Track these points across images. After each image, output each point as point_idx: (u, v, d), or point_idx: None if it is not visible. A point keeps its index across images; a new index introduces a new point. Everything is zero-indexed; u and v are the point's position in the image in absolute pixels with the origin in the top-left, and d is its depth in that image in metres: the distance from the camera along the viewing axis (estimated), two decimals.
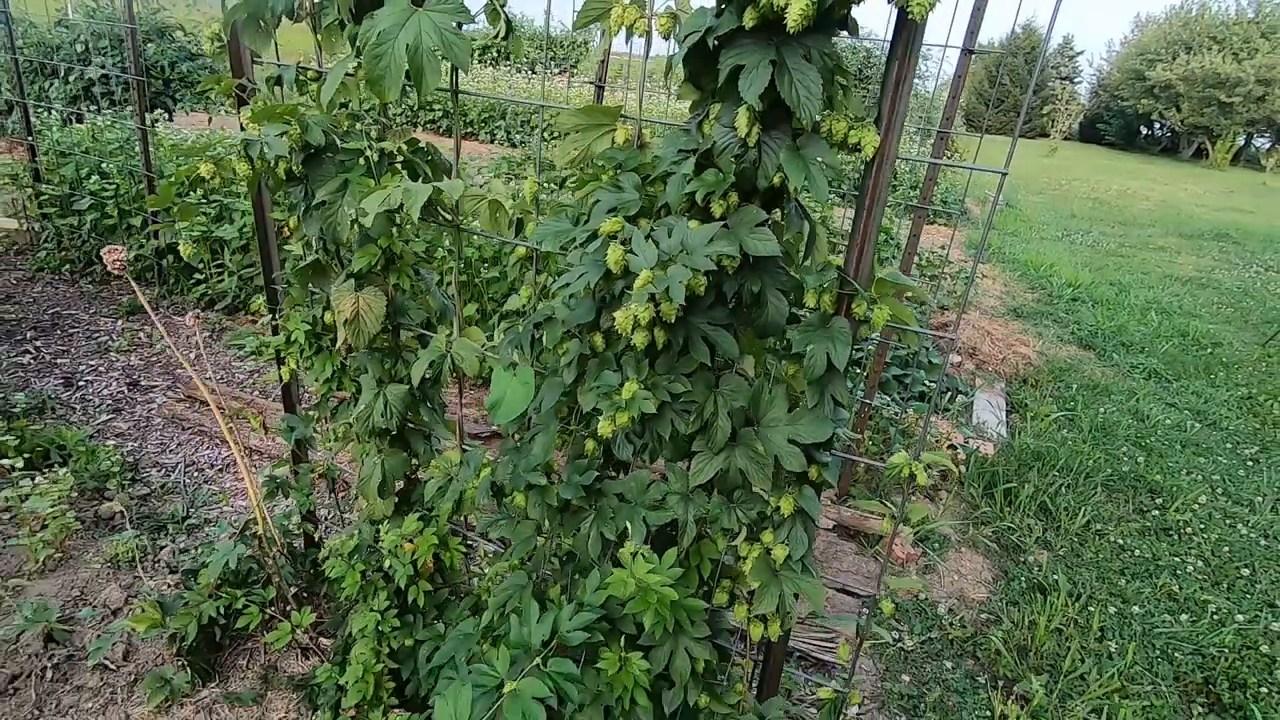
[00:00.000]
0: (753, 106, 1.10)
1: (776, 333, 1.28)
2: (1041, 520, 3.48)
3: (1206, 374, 5.76)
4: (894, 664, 2.55)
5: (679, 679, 1.29)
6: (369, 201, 1.43)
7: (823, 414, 1.27)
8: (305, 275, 1.90)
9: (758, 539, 1.32)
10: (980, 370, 5.19)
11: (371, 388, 1.84)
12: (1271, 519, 3.77)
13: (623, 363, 1.26)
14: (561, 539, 1.49)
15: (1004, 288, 7.74)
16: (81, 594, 2.39)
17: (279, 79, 1.66)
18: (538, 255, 1.58)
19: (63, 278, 5.03)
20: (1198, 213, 15.02)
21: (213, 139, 5.27)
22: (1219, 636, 2.84)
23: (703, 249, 1.10)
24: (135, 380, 3.87)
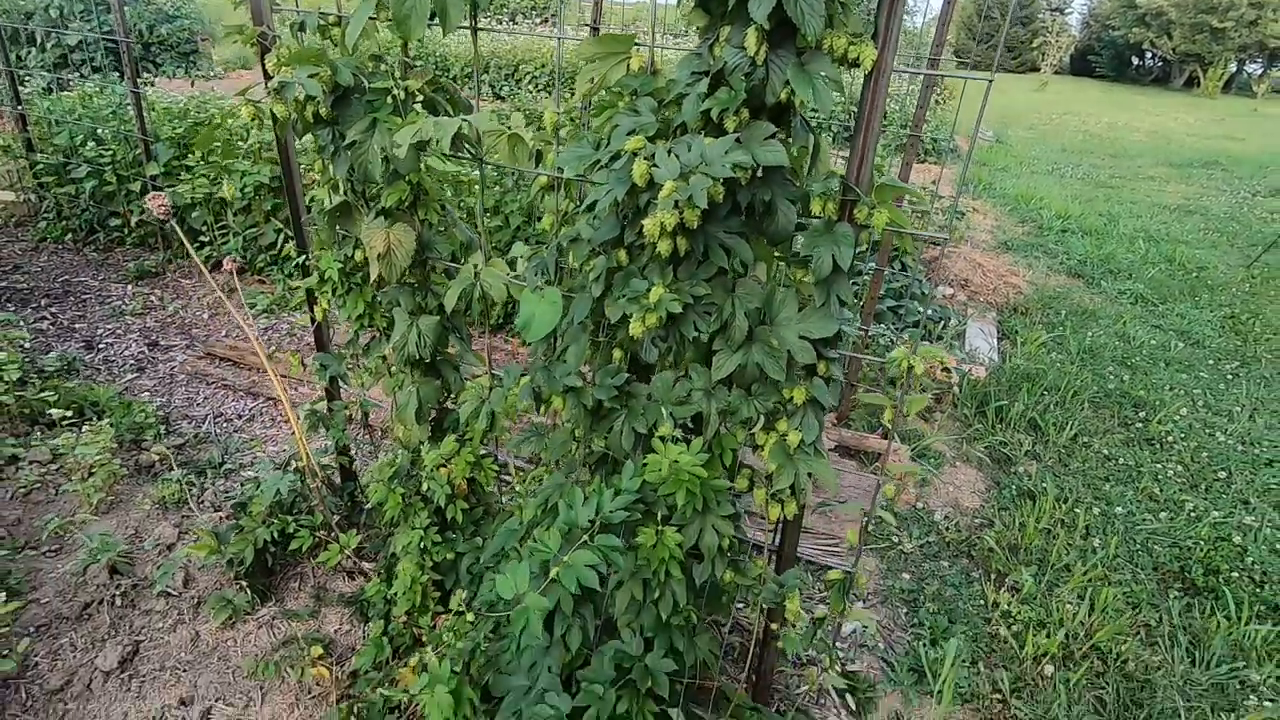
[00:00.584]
0: (761, 26, 1.21)
1: (786, 239, 1.41)
2: (1031, 435, 3.67)
3: (1191, 296, 5.92)
4: (894, 564, 2.75)
5: (708, 553, 1.46)
6: (401, 135, 1.53)
7: (829, 312, 1.40)
8: (334, 217, 2.00)
9: (774, 428, 1.47)
10: (972, 301, 5.34)
11: (405, 320, 1.97)
12: (1249, 426, 3.97)
13: (648, 272, 1.39)
14: (594, 442, 1.64)
15: (995, 222, 7.83)
16: (136, 532, 2.55)
17: (302, 25, 1.74)
18: (560, 184, 1.69)
19: (66, 246, 5.08)
20: (1188, 142, 15.01)
21: (206, 99, 5.26)
22: (1195, 531, 3.05)
23: (720, 159, 1.22)
24: (154, 341, 3.97)
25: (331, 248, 2.10)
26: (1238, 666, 2.42)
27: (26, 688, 2.01)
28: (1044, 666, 2.32)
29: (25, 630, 2.14)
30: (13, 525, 2.54)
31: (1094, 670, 2.35)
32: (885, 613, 2.54)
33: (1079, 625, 2.49)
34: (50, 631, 2.16)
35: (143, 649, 2.14)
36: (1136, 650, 2.43)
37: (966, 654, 2.36)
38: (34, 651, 2.09)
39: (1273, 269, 6.73)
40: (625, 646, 1.51)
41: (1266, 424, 4.03)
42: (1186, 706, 2.26)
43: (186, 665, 2.10)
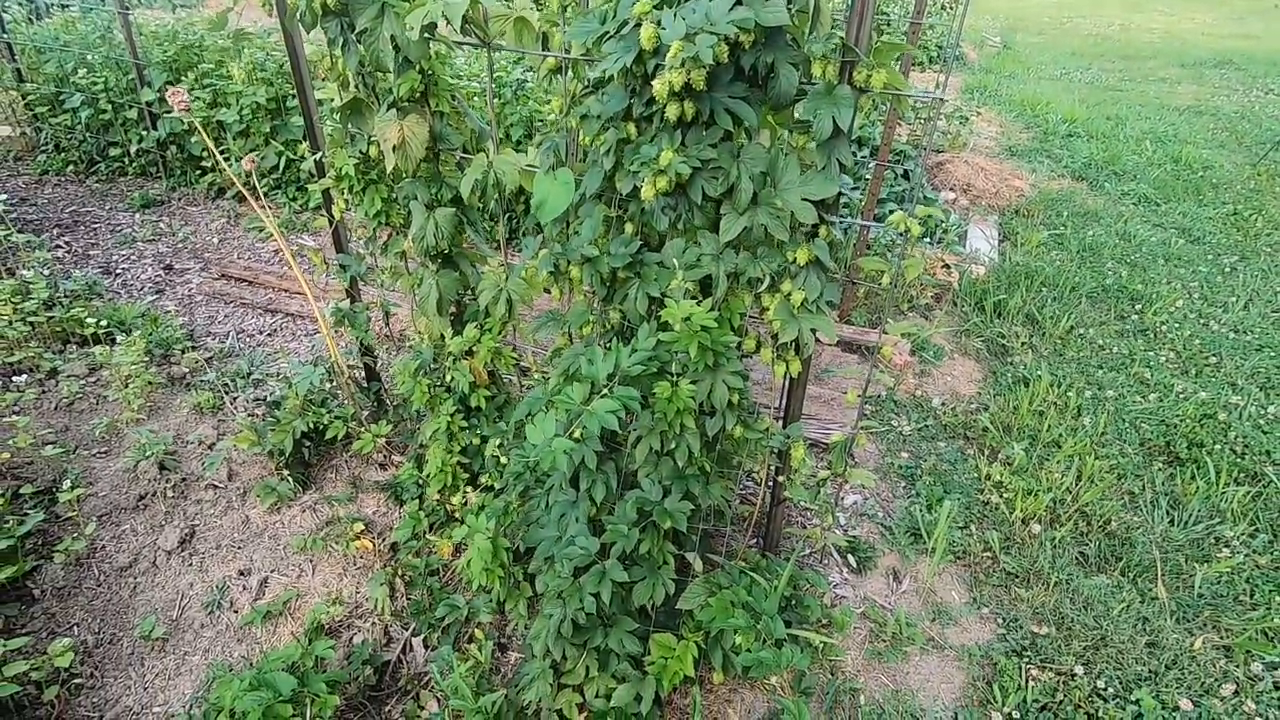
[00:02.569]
0: None
1: (789, 104, 1.47)
2: (1028, 328, 3.78)
3: (1195, 196, 5.90)
4: (894, 445, 2.91)
5: (719, 405, 1.59)
6: (412, 17, 1.58)
7: (831, 174, 1.48)
8: (345, 114, 2.05)
9: (778, 289, 1.57)
10: (975, 205, 5.35)
11: (421, 212, 2.05)
12: (1242, 316, 4.06)
13: (657, 139, 1.46)
14: (610, 315, 1.75)
15: (999, 129, 7.71)
16: (177, 434, 2.71)
17: None
18: (567, 65, 1.73)
19: (69, 178, 5.09)
20: (1202, 41, 14.50)
21: (191, 21, 5.15)
22: (1182, 409, 3.19)
23: (724, 18, 1.27)
24: (169, 265, 4.06)
25: (345, 146, 2.16)
26: (1214, 524, 2.59)
27: (97, 565, 2.20)
28: (1031, 527, 2.50)
29: (89, 518, 2.31)
30: (61, 431, 2.69)
31: (1078, 529, 2.53)
32: (884, 486, 2.70)
33: (1066, 492, 2.65)
34: (112, 520, 2.34)
35: (199, 531, 2.32)
36: (1119, 512, 2.60)
37: (960, 518, 2.53)
38: (99, 536, 2.28)
39: (1279, 166, 6.67)
40: (646, 494, 1.66)
41: (1260, 313, 4.12)
42: (1163, 558, 2.44)
43: (241, 544, 2.29)
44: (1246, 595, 2.35)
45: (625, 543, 1.59)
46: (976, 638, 2.18)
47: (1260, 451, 2.98)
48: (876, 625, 2.18)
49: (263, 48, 4.70)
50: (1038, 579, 2.35)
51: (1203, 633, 2.21)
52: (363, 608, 2.13)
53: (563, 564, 1.63)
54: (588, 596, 1.59)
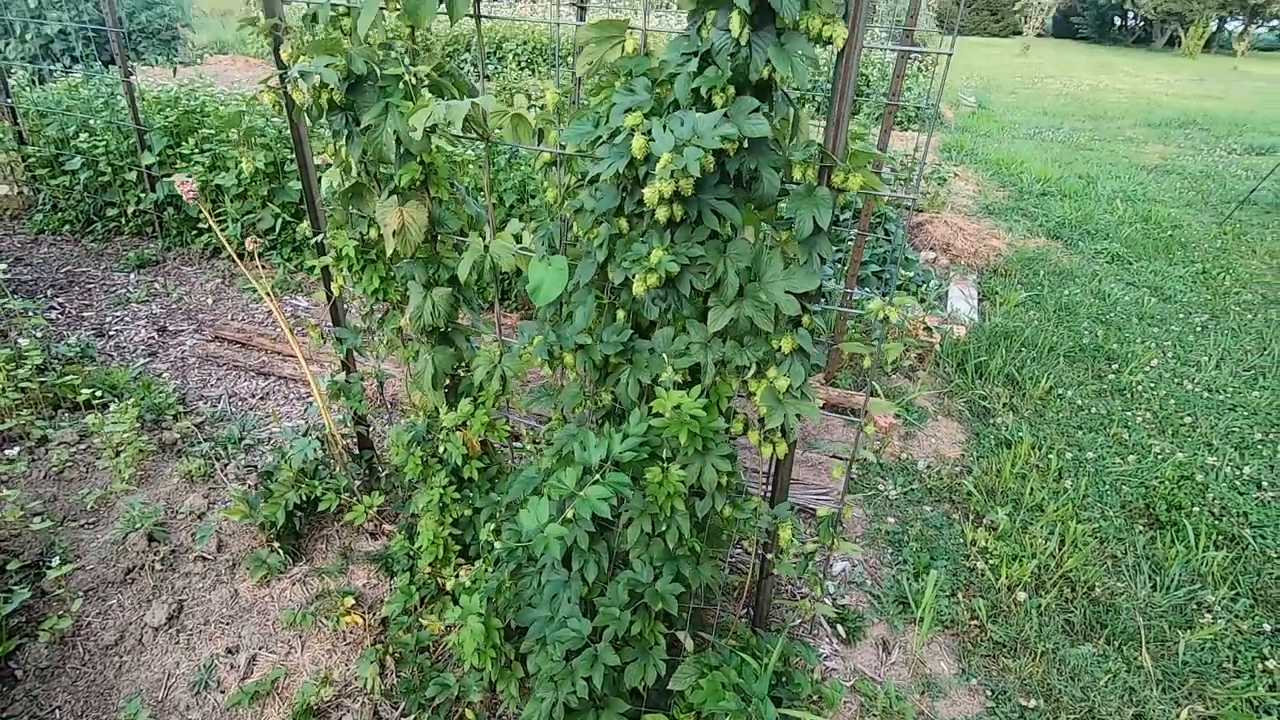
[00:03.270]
0: (744, 10, 1.35)
1: (771, 203, 1.56)
2: (1009, 388, 3.87)
3: (1166, 254, 6.12)
4: (881, 510, 2.95)
5: (709, 488, 1.63)
6: (416, 119, 1.66)
7: (812, 268, 1.56)
8: (346, 197, 2.13)
9: (764, 375, 1.63)
10: (954, 264, 5.51)
11: (419, 291, 2.11)
12: (1215, 375, 4.18)
13: (647, 236, 1.54)
14: (602, 396, 1.80)
15: (976, 187, 7.98)
16: (168, 503, 2.71)
17: (314, 16, 1.86)
18: (561, 159, 1.83)
19: (65, 238, 5.15)
20: (1168, 101, 15.15)
21: (194, 87, 5.30)
22: (1160, 471, 3.27)
23: (710, 133, 1.36)
24: (163, 326, 4.09)
25: (345, 226, 2.24)
26: (1195, 589, 2.63)
27: (83, 644, 2.17)
28: (1017, 594, 2.53)
29: (75, 593, 2.30)
30: (50, 501, 2.68)
31: (1063, 596, 2.56)
32: (872, 553, 2.73)
33: (1050, 558, 2.69)
34: (99, 594, 2.32)
35: (187, 607, 2.30)
36: (1103, 578, 2.64)
37: (947, 585, 2.56)
38: (85, 612, 2.26)
39: (1245, 225, 6.93)
40: (637, 575, 1.69)
41: (1232, 372, 4.24)
42: (1147, 625, 2.47)
43: (229, 619, 2.27)
44: (1230, 662, 2.38)
45: (618, 626, 1.61)
46: (966, 711, 2.19)
47: (1237, 513, 3.05)
48: (867, 700, 2.18)
49: (262, 115, 4.84)
50: (1025, 649, 2.37)
51: (1188, 702, 2.23)
52: (352, 686, 2.11)
53: (555, 647, 1.64)
54: (580, 680, 1.61)
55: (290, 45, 1.87)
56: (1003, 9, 33.39)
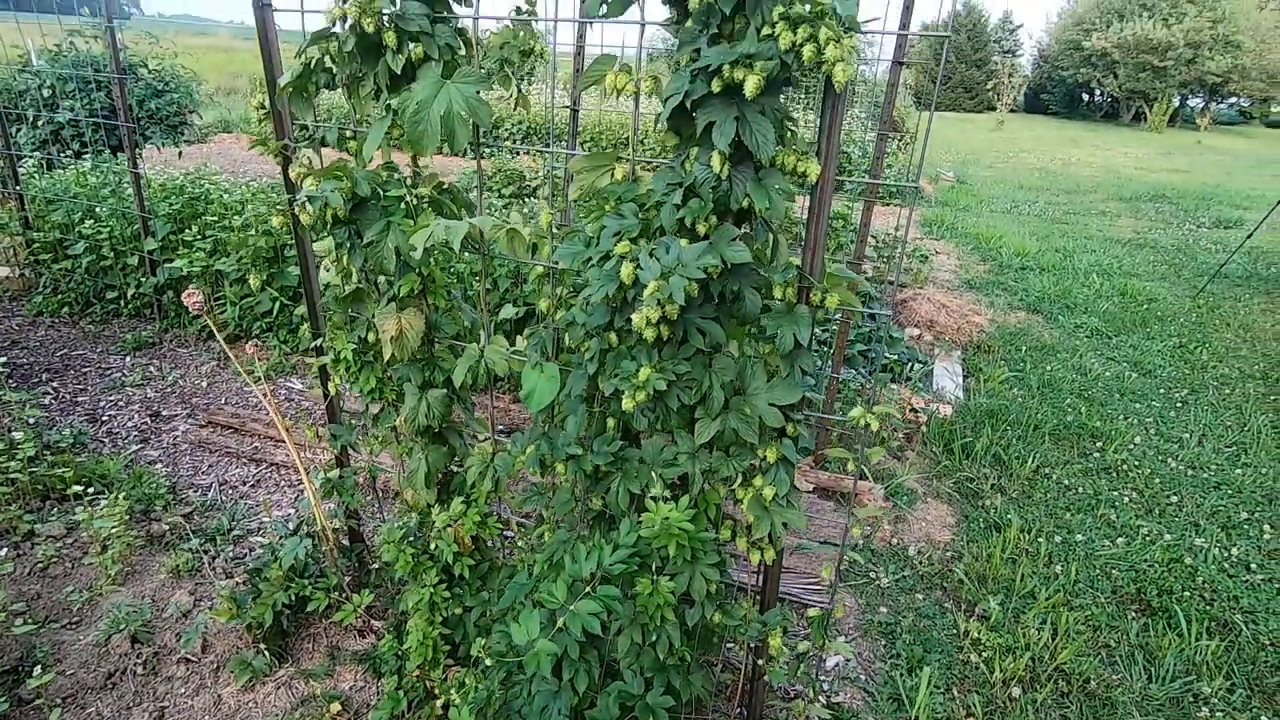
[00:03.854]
0: (723, 151, 1.46)
1: (753, 321, 1.64)
2: (996, 469, 3.91)
3: (1143, 328, 6.28)
4: (873, 599, 2.94)
5: (698, 597, 1.65)
6: (417, 238, 1.76)
7: (794, 381, 1.63)
8: (346, 302, 2.21)
9: (751, 484, 1.68)
10: (938, 340, 5.63)
11: (414, 393, 2.16)
12: (1198, 452, 4.25)
13: (636, 353, 1.61)
14: (593, 501, 1.84)
15: (958, 261, 8.23)
16: (153, 601, 2.67)
17: (323, 139, 1.97)
18: (554, 273, 1.92)
19: (63, 320, 5.21)
20: (1137, 175, 15.80)
21: (200, 175, 5.48)
22: (1150, 554, 3.28)
23: (694, 262, 1.45)
24: (156, 411, 4.11)
25: (345, 329, 2.30)
26: (1190, 680, 2.62)
27: None
28: (1012, 689, 2.51)
29: (54, 701, 2.24)
30: (33, 600, 2.65)
31: (1059, 690, 2.54)
32: (865, 645, 2.71)
33: (1044, 649, 2.68)
34: (78, 702, 2.27)
35: (168, 715, 2.25)
36: (1097, 669, 2.62)
37: (941, 681, 2.53)
38: None
39: (1217, 298, 7.15)
40: (628, 687, 1.68)
41: (1214, 449, 4.31)
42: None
43: None
44: None
45: None
46: None
47: (1228, 598, 3.05)
48: None
49: (265, 202, 4.99)
50: None
51: None
52: None
53: None
54: None
55: (299, 165, 1.98)
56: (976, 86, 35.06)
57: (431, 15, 1.73)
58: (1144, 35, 28.58)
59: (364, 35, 1.72)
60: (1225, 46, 27.97)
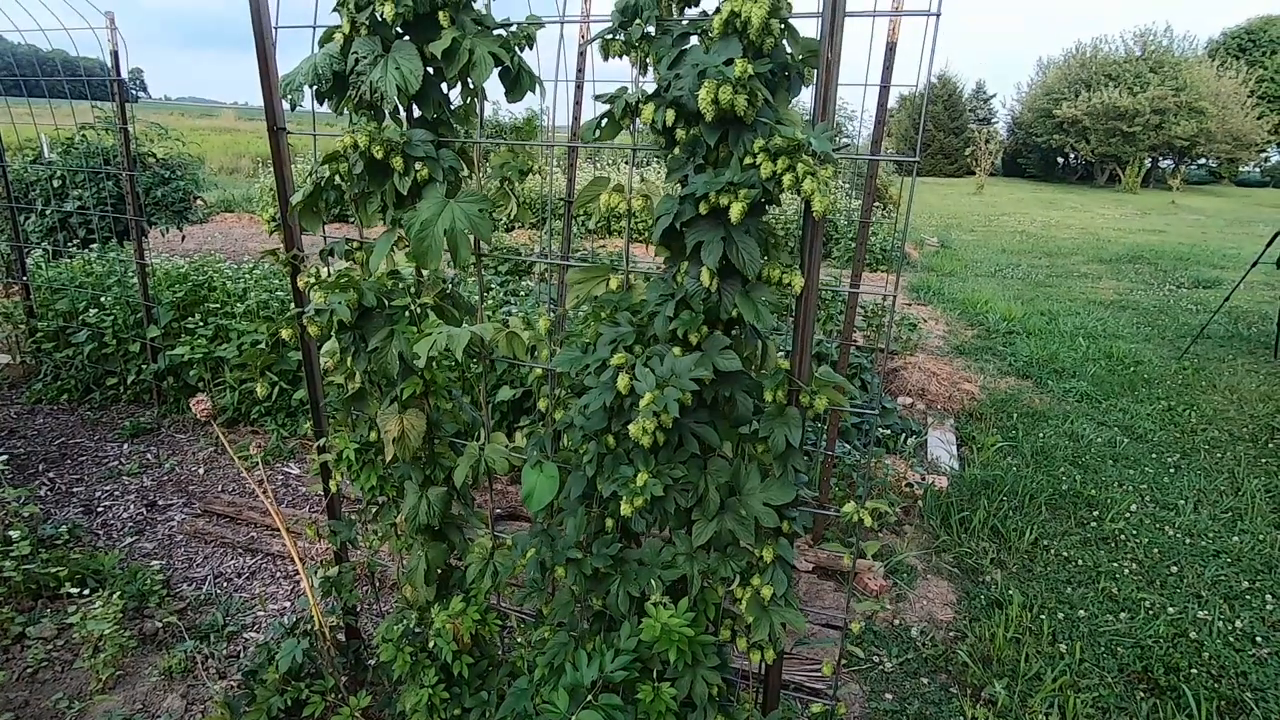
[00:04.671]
0: (712, 269, 1.55)
1: (746, 423, 1.70)
2: (994, 542, 3.91)
3: (1131, 391, 6.37)
4: (877, 685, 2.90)
5: (700, 701, 1.64)
6: (420, 347, 1.83)
7: (788, 481, 1.68)
8: (349, 403, 2.27)
9: (749, 583, 1.70)
10: (931, 409, 5.70)
11: (415, 491, 2.20)
12: (1194, 519, 4.26)
13: (633, 457, 1.66)
14: (592, 601, 1.85)
15: (946, 327, 8.39)
16: (144, 706, 2.62)
17: (331, 250, 2.07)
18: (553, 374, 1.98)
19: (61, 407, 5.24)
20: (1115, 237, 16.27)
21: (204, 263, 5.62)
22: (1154, 629, 3.26)
23: (687, 373, 1.52)
24: (152, 501, 4.10)
25: (347, 427, 2.35)
26: None
27: None
28: None
29: None
30: (21, 708, 2.59)
31: None
32: None
33: None
34: None
35: None
36: None
37: None
38: None
39: (1201, 359, 7.28)
40: None
41: (1210, 515, 4.33)
42: None
43: None
44: None
45: None
46: None
47: (1236, 673, 3.02)
48: None
49: (268, 289, 5.12)
50: None
51: None
52: None
53: None
54: None
55: (307, 276, 2.07)
56: (955, 153, 36.37)
57: (436, 140, 1.85)
58: (1111, 103, 29.93)
59: (372, 160, 1.83)
60: (1189, 112, 29.28)
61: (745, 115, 1.46)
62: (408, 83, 1.75)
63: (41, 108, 7.09)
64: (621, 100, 1.63)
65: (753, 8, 1.41)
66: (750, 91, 1.43)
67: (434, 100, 1.87)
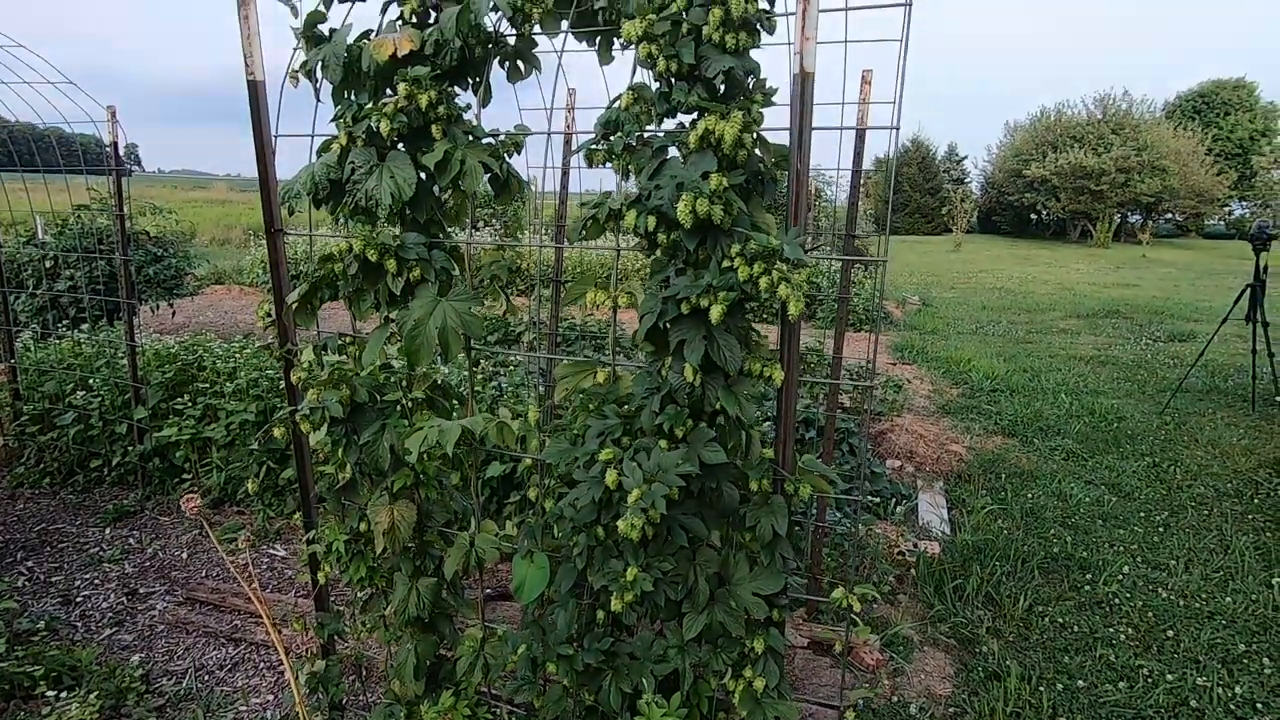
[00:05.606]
0: (694, 365, 1.61)
1: (733, 512, 1.73)
2: (989, 610, 3.88)
3: (1116, 448, 6.44)
4: None
5: None
6: (411, 442, 1.86)
7: (776, 570, 1.70)
8: (340, 495, 2.28)
9: (741, 675, 1.70)
10: (919, 472, 5.73)
11: (405, 583, 2.19)
12: (1186, 579, 4.26)
13: (623, 550, 1.68)
14: (585, 697, 1.83)
15: (931, 387, 8.49)
16: None
17: (325, 345, 2.13)
18: (543, 464, 2.02)
19: (43, 491, 5.16)
20: (1090, 291, 16.69)
21: (194, 342, 5.65)
22: (1154, 698, 3.22)
23: (674, 469, 1.56)
24: (133, 589, 4.01)
25: (337, 516, 2.36)
26: None
27: None
28: None
29: None
30: None
31: None
32: None
33: None
34: None
35: None
36: None
37: None
38: None
39: (1182, 414, 7.40)
40: None
41: (1202, 575, 4.33)
42: None
43: None
44: None
45: None
46: None
47: None
48: None
49: (257, 367, 5.14)
50: None
51: None
52: None
53: None
54: None
55: (300, 370, 2.12)
56: (932, 212, 37.48)
57: (429, 243, 1.93)
58: (1078, 163, 31.16)
59: (366, 262, 1.91)
60: (1152, 170, 30.50)
61: (722, 223, 1.55)
62: (402, 191, 1.84)
63: (36, 183, 7.22)
64: (605, 206, 1.72)
65: (725, 126, 1.52)
66: (726, 202, 1.52)
67: (427, 203, 1.97)
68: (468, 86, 1.99)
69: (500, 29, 1.91)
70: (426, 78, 1.79)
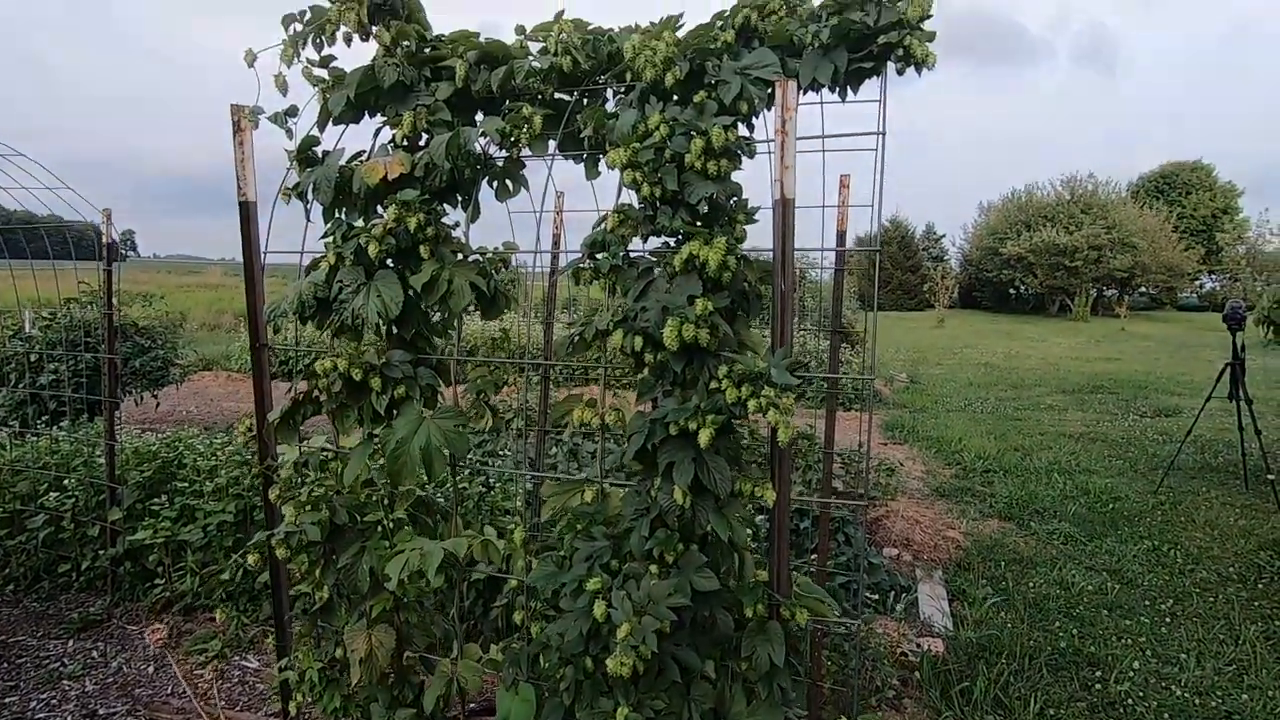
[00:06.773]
0: (684, 488, 1.57)
1: (727, 640, 1.65)
2: (999, 714, 3.70)
3: (1114, 530, 6.35)
4: None
5: None
6: (392, 567, 1.79)
7: (775, 702, 1.61)
8: (315, 617, 2.17)
9: None
10: (917, 560, 5.59)
11: (381, 714, 2.06)
12: (1199, 674, 4.11)
13: (613, 687, 1.59)
14: None
15: (924, 467, 8.43)
16: None
17: (306, 463, 2.07)
18: (529, 586, 1.94)
19: (5, 598, 4.92)
20: (1074, 366, 16.91)
21: (175, 439, 5.54)
22: None
23: (664, 600, 1.50)
24: (92, 711, 3.76)
25: (311, 639, 2.24)
26: None
27: None
28: None
29: None
30: None
31: None
32: None
33: None
34: None
35: None
36: None
37: None
38: None
39: (1177, 493, 7.35)
40: None
41: (1215, 668, 4.18)
42: None
43: None
44: None
45: None
46: None
47: None
48: None
49: (240, 464, 5.03)
50: None
51: None
52: None
53: None
54: None
55: (280, 489, 2.06)
56: (914, 288, 38.38)
57: (414, 359, 1.92)
58: (1051, 241, 32.24)
59: (350, 380, 1.89)
60: (1123, 247, 31.56)
61: (709, 345, 1.55)
62: (388, 310, 1.84)
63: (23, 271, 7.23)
64: (592, 326, 1.72)
65: (709, 252, 1.54)
66: (712, 325, 1.53)
67: (413, 319, 1.97)
68: (456, 204, 2.04)
69: (489, 151, 1.97)
70: (415, 201, 1.83)
